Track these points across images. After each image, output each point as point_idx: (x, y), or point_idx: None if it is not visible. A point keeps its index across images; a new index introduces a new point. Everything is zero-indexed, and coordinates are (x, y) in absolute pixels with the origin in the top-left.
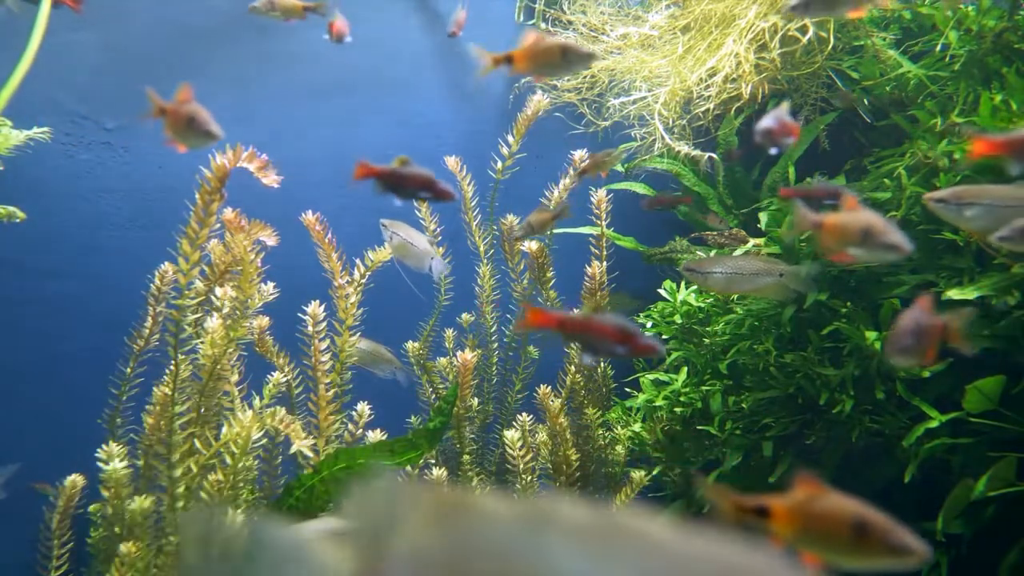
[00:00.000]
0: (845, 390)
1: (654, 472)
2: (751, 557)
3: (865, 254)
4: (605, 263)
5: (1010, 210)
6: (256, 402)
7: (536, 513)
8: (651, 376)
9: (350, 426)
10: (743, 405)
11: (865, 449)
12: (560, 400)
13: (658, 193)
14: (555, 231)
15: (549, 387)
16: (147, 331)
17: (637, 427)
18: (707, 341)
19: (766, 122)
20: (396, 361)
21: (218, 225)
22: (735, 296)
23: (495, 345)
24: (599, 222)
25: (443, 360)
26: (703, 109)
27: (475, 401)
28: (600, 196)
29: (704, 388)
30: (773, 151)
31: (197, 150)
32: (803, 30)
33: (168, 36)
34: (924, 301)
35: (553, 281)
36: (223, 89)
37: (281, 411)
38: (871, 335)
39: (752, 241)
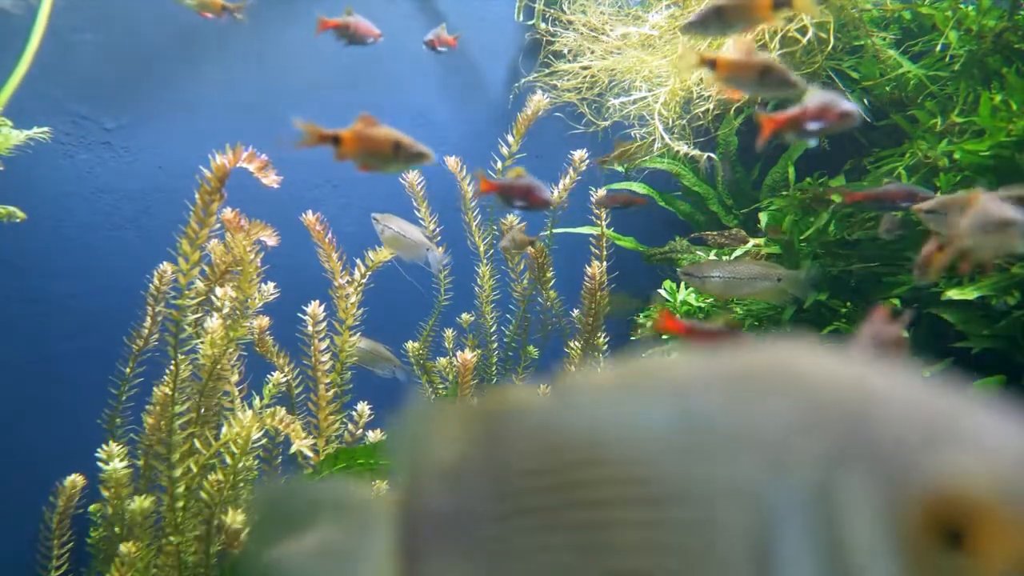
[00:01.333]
0: None
1: None
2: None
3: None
4: (605, 263)
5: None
6: (256, 402)
7: (567, 387)
8: None
9: (350, 426)
10: None
11: None
12: None
13: (629, 193)
14: (555, 231)
15: (549, 387)
16: (146, 331)
17: None
18: None
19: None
20: (396, 360)
21: (218, 225)
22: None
23: (495, 345)
24: (599, 222)
25: (443, 360)
26: (703, 109)
27: (475, 401)
28: (600, 196)
29: None
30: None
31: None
32: (803, 31)
33: (168, 36)
34: (880, 313)
35: (553, 281)
36: (223, 89)
37: (281, 411)
38: None
39: (752, 241)
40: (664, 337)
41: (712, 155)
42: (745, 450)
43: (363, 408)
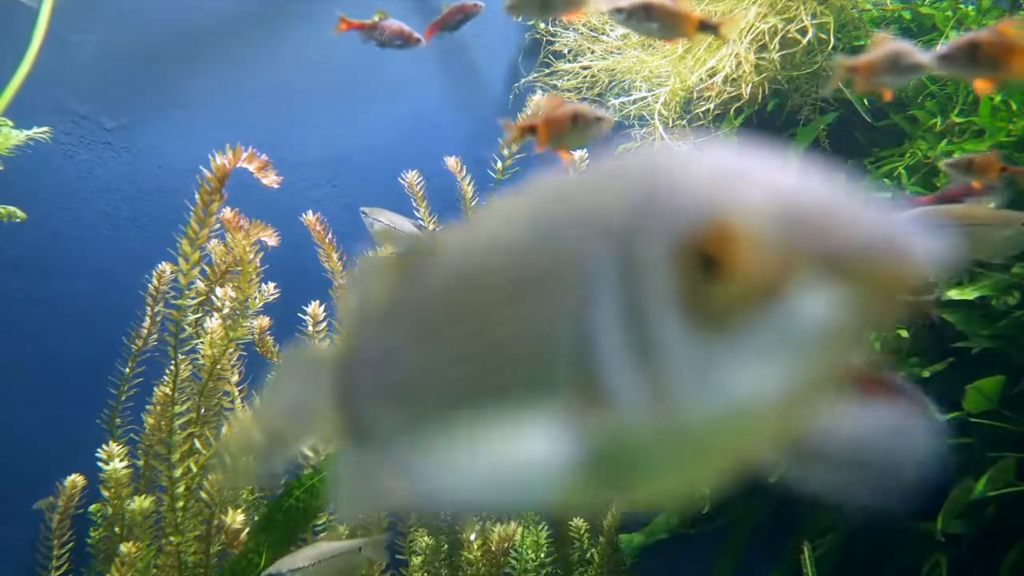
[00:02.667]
0: None
1: None
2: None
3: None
4: None
5: (967, 229)
6: (256, 402)
7: (464, 229)
8: None
9: None
10: None
11: None
12: None
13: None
14: None
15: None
16: (145, 331)
17: None
18: None
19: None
20: None
21: (218, 225)
22: None
23: None
24: None
25: None
26: (703, 109)
27: None
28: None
29: None
30: None
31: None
32: (803, 31)
33: (168, 36)
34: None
35: None
36: (223, 89)
37: None
38: (871, 335)
39: None
40: None
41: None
42: (572, 233)
43: None
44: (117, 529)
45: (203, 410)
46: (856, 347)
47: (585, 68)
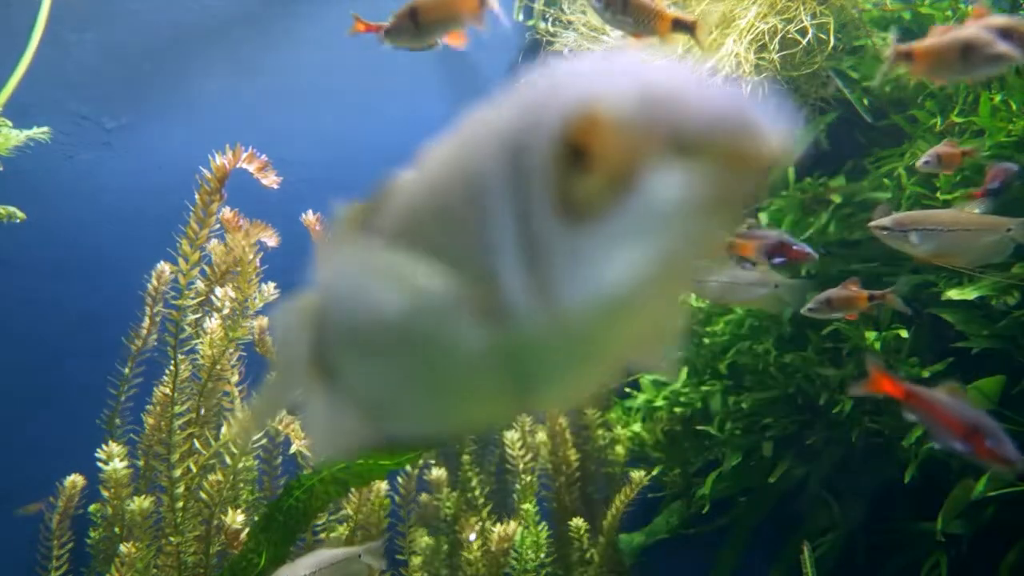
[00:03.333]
0: (845, 390)
1: (654, 472)
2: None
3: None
4: None
5: (952, 234)
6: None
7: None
8: (651, 376)
9: None
10: (743, 405)
11: (865, 449)
12: None
13: None
14: None
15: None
16: (145, 331)
17: (637, 427)
18: (707, 341)
19: None
20: None
21: (218, 225)
22: None
23: None
24: None
25: None
26: None
27: None
28: None
29: (704, 388)
30: None
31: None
32: (803, 32)
33: (168, 36)
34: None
35: None
36: (223, 89)
37: (281, 411)
38: (871, 335)
39: None
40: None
41: None
42: (476, 154)
43: None
44: (117, 529)
45: (203, 410)
46: (717, 225)
47: None
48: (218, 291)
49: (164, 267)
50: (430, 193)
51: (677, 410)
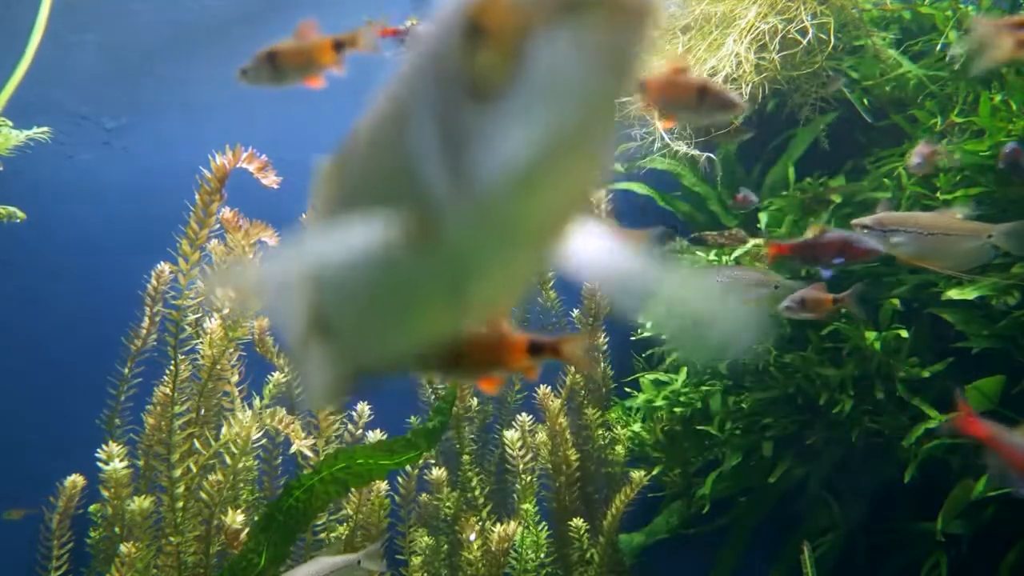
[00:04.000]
0: (845, 390)
1: (654, 472)
2: None
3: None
4: None
5: (932, 238)
6: (256, 402)
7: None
8: (651, 376)
9: (350, 426)
10: (743, 405)
11: (865, 449)
12: (560, 400)
13: None
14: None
15: (549, 387)
16: (144, 331)
17: (637, 427)
18: None
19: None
20: None
21: (218, 225)
22: None
23: None
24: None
25: None
26: None
27: (474, 401)
28: (600, 196)
29: (704, 388)
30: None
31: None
32: (803, 32)
33: (168, 36)
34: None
35: (553, 281)
36: (222, 89)
37: (281, 411)
38: (871, 335)
39: (752, 241)
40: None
41: (712, 155)
42: (407, 71)
43: (363, 408)
44: (117, 529)
45: (203, 410)
46: (611, 87)
47: None
48: (218, 291)
49: (164, 267)
50: (370, 130)
51: (677, 410)
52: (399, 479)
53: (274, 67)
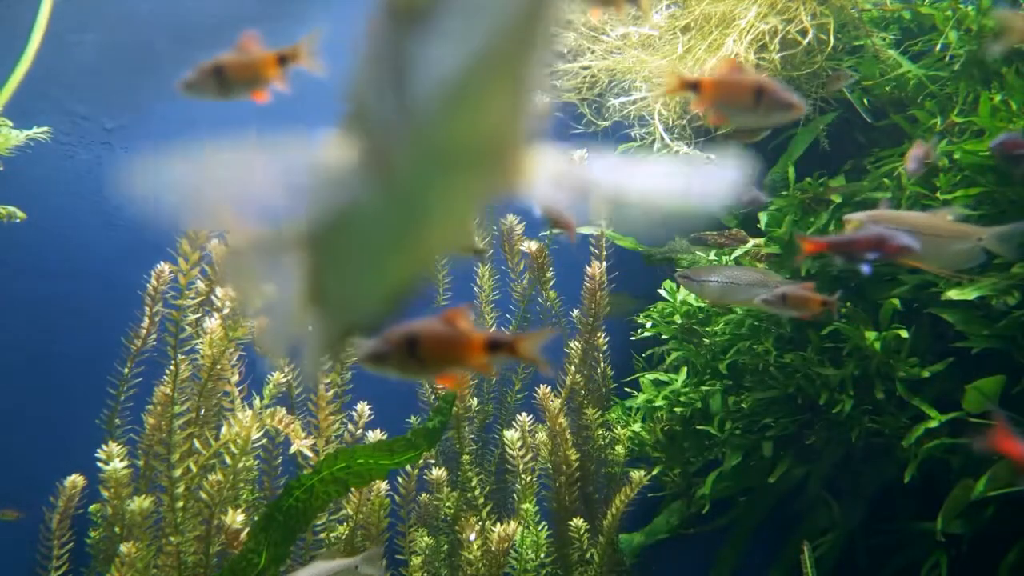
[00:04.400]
0: (845, 390)
1: (654, 472)
2: None
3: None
4: (605, 263)
5: (923, 239)
6: (256, 402)
7: None
8: (651, 376)
9: (350, 426)
10: (743, 405)
11: (865, 449)
12: (560, 400)
13: None
14: (555, 231)
15: (549, 387)
16: (144, 331)
17: (637, 427)
18: (707, 341)
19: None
20: None
21: None
22: None
23: None
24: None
25: None
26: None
27: (474, 401)
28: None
29: (704, 388)
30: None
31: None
32: (803, 32)
33: (168, 36)
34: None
35: (553, 281)
36: None
37: (281, 411)
38: (871, 335)
39: (752, 241)
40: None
41: (712, 156)
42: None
43: (363, 408)
44: (117, 529)
45: (203, 410)
46: (535, 4)
47: (585, 68)
48: (218, 291)
49: (164, 267)
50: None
51: (677, 410)
52: (399, 479)
53: (219, 81)
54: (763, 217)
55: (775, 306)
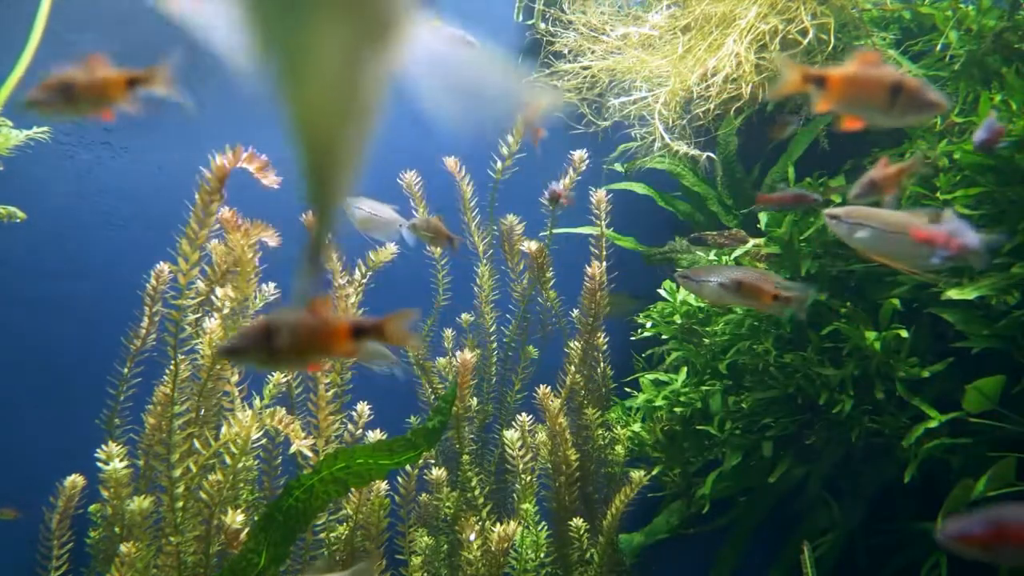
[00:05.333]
0: (845, 390)
1: (654, 472)
2: None
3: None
4: (605, 263)
5: (893, 236)
6: (256, 402)
7: None
8: (651, 376)
9: (350, 426)
10: (743, 405)
11: (865, 449)
12: (559, 400)
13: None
14: (555, 231)
15: (549, 387)
16: (144, 331)
17: (637, 427)
18: (707, 341)
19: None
20: (392, 356)
21: (218, 225)
22: None
23: (494, 345)
24: (599, 222)
25: (442, 360)
26: (703, 109)
27: (474, 401)
28: (600, 196)
29: (704, 388)
30: None
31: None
32: (803, 32)
33: (168, 36)
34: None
35: (553, 281)
36: (223, 89)
37: (281, 411)
38: (871, 335)
39: (752, 241)
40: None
41: (712, 155)
42: None
43: (363, 408)
44: (117, 529)
45: (203, 410)
46: None
47: (585, 68)
48: (218, 291)
49: (164, 267)
50: None
51: (677, 410)
52: (399, 479)
53: (66, 97)
54: (763, 217)
55: (729, 292)
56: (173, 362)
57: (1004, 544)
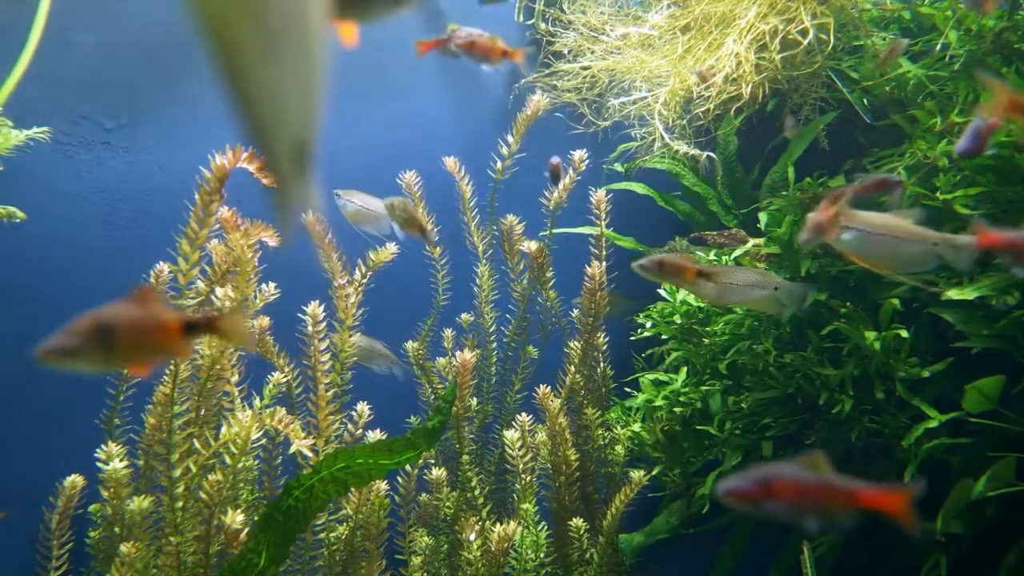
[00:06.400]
0: (845, 390)
1: (654, 472)
2: None
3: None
4: (605, 263)
5: (878, 239)
6: (256, 402)
7: None
8: (651, 376)
9: (350, 426)
10: (743, 405)
11: (865, 449)
12: (559, 400)
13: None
14: (555, 231)
15: (549, 387)
16: None
17: (637, 427)
18: (707, 341)
19: None
20: (392, 356)
21: (217, 225)
22: None
23: (494, 345)
24: (599, 222)
25: (442, 360)
26: (703, 109)
27: (474, 401)
28: (600, 196)
29: (704, 388)
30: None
31: None
32: (803, 32)
33: (168, 36)
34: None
35: (553, 281)
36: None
37: (281, 411)
38: (871, 335)
39: (752, 241)
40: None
41: (711, 155)
42: None
43: (363, 408)
44: (117, 529)
45: (203, 410)
46: None
47: (585, 68)
48: (218, 291)
49: (163, 267)
50: None
51: (677, 410)
52: (399, 479)
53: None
54: (763, 217)
55: (652, 272)
56: (173, 362)
57: (771, 499)
